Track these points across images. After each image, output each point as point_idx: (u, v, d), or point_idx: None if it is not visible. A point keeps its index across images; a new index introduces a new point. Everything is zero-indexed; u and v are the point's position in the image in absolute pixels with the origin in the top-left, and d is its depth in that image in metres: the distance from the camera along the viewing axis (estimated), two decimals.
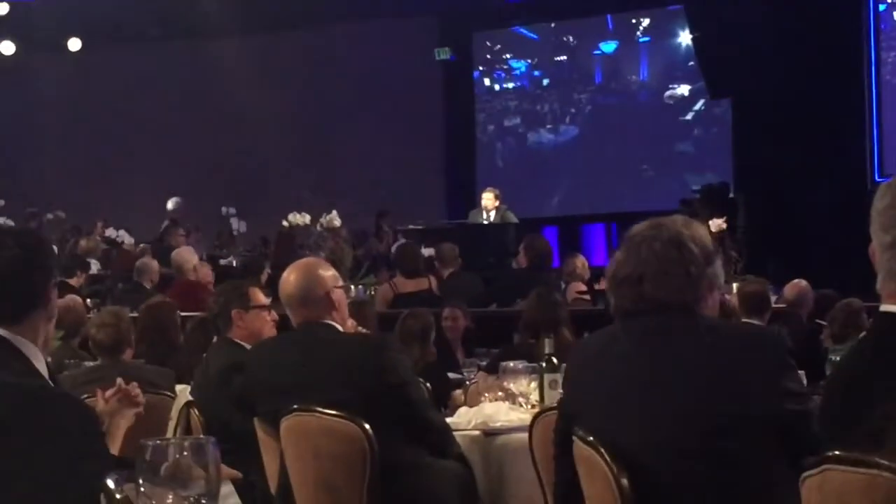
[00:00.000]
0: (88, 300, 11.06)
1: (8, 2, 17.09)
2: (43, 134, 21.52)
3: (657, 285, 3.30)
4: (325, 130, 20.67)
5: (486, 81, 21.04)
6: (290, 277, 4.94)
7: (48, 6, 15.97)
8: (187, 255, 11.58)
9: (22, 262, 2.94)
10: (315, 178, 19.21)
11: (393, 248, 14.39)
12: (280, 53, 20.52)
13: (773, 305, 9.51)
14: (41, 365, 2.94)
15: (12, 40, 20.30)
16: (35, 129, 21.48)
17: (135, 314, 7.25)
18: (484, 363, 7.45)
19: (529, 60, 20.80)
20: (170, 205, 17.61)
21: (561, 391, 4.06)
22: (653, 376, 3.27)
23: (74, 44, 20.75)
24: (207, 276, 11.70)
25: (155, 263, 12.29)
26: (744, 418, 3.15)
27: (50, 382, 2.93)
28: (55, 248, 10.95)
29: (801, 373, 6.48)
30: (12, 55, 20.56)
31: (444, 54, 20.53)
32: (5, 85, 20.97)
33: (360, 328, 6.00)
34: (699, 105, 18.95)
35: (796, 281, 9.48)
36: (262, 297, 5.97)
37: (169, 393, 6.00)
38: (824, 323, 8.78)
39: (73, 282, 12.19)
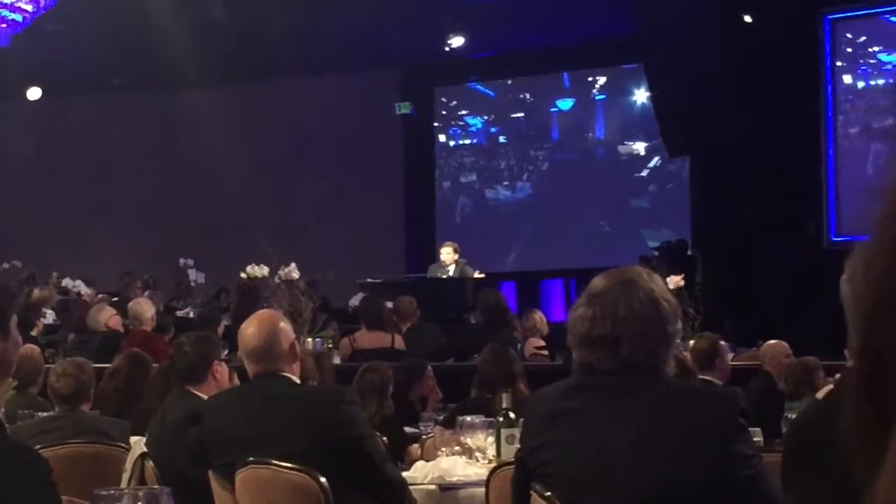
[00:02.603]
0: (45, 351, 10.96)
1: None
2: (2, 183, 21.41)
3: (635, 346, 3.27)
4: (286, 182, 20.67)
5: (443, 137, 21.12)
6: (251, 330, 4.92)
7: (8, 54, 15.94)
8: (145, 306, 11.53)
9: None
10: (274, 230, 19.19)
11: (352, 301, 14.35)
12: (241, 105, 20.54)
13: (746, 363, 9.62)
14: None
15: None
16: None
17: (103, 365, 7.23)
18: (441, 417, 7.44)
19: (486, 117, 20.91)
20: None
21: (518, 446, 4.05)
22: (609, 437, 3.26)
23: (34, 93, 20.71)
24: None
25: (105, 315, 12.14)
26: (694, 483, 3.15)
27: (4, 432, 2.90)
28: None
29: (757, 429, 6.53)
30: None
31: (405, 109, 20.61)
32: None
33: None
34: (654, 162, 19.11)
35: (775, 342, 9.51)
36: None
37: (123, 444, 5.96)
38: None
39: (34, 332, 12.13)
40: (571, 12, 17.50)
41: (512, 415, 5.29)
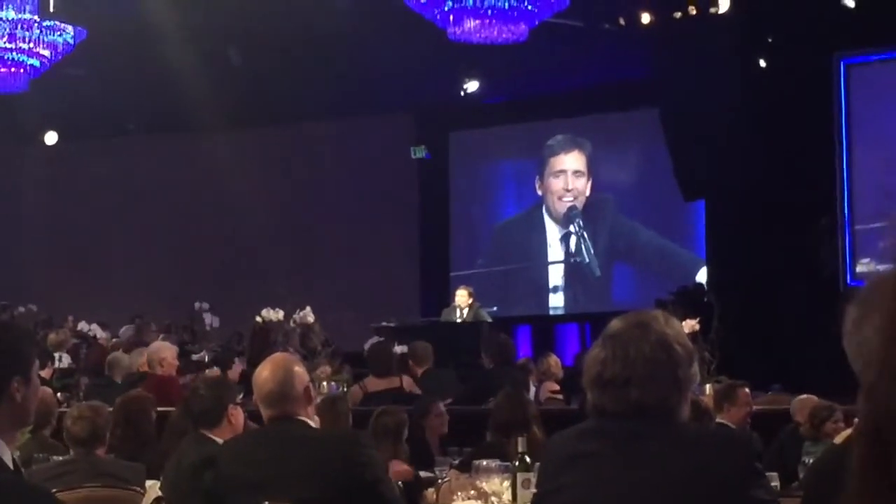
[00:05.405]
0: (59, 394, 10.98)
1: None
2: (19, 226, 21.52)
3: (645, 390, 3.25)
4: (301, 226, 20.73)
5: (457, 181, 21.15)
6: (265, 373, 4.92)
7: (25, 99, 16.06)
8: (166, 349, 11.48)
9: None
10: (290, 273, 19.23)
11: (367, 345, 14.35)
12: (257, 149, 20.63)
13: (765, 407, 9.60)
14: (7, 458, 2.92)
15: None
16: (11, 221, 21.48)
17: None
18: (456, 461, 7.43)
19: (500, 161, 20.95)
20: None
21: (534, 490, 4.03)
22: (623, 481, 3.24)
23: (51, 137, 20.83)
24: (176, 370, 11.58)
25: (127, 358, 12.20)
26: None
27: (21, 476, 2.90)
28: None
29: (774, 474, 6.50)
30: None
31: (419, 152, 20.68)
32: None
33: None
34: (671, 205, 19.06)
35: (806, 396, 9.44)
36: None
37: (138, 488, 5.96)
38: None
39: (45, 373, 12.12)
40: (586, 58, 17.57)
41: (528, 459, 5.27)
